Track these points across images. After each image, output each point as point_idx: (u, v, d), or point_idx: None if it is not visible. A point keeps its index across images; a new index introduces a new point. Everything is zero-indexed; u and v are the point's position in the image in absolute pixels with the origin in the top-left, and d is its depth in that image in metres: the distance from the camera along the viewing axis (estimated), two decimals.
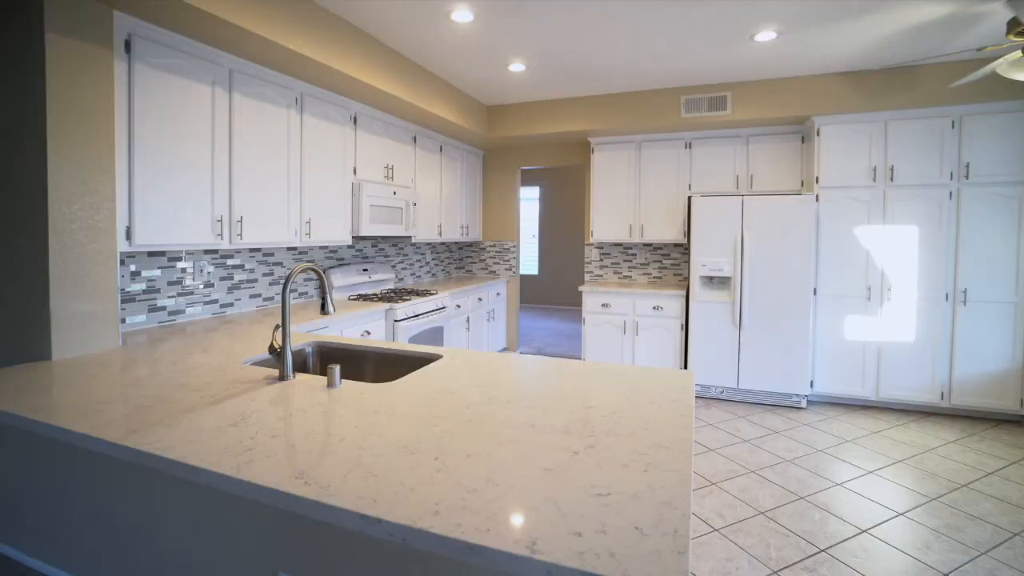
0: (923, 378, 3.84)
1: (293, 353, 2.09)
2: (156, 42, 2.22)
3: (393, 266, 4.60)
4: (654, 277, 5.10)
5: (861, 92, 3.85)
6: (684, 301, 4.36)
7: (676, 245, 5.00)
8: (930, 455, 3.12)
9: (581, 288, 4.67)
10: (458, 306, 4.45)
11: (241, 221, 2.64)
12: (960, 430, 3.54)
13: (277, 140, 2.88)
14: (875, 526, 2.33)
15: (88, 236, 1.96)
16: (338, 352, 2.16)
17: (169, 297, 2.61)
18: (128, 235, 2.14)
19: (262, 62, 2.70)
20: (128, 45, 2.11)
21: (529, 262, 9.41)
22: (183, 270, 2.68)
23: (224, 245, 2.56)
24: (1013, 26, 2.52)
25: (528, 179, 9.29)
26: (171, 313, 2.62)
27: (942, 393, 3.80)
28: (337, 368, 1.55)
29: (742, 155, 4.49)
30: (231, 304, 2.95)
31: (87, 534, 1.79)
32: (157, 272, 2.55)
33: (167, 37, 2.26)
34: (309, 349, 2.17)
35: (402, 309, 3.44)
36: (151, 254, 2.53)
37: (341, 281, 3.70)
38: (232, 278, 2.96)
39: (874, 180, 3.93)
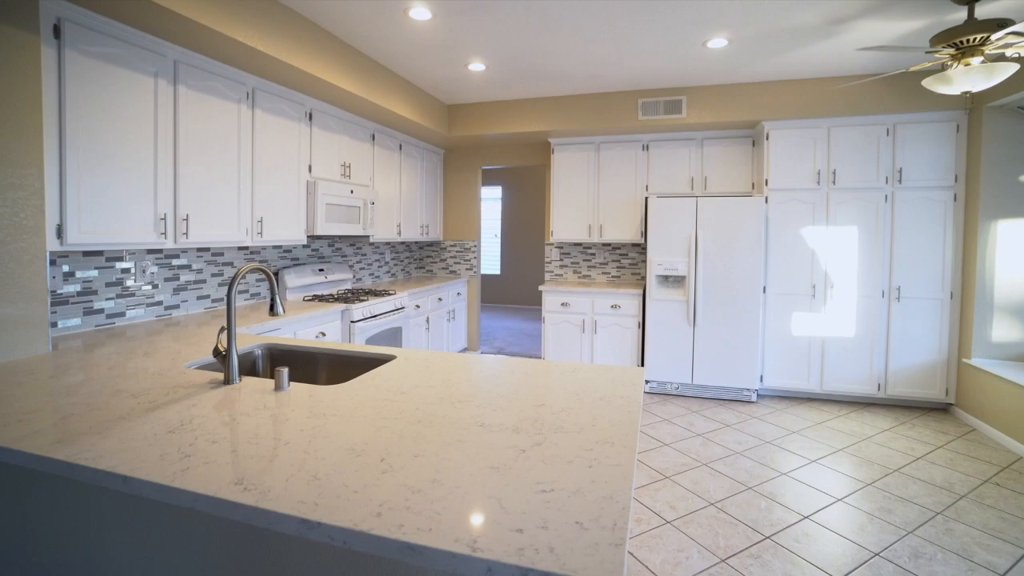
0: (862, 371, 4.06)
1: (242, 356, 2.02)
2: (90, 29, 2.10)
3: (351, 266, 4.52)
4: (613, 276, 5.20)
5: (807, 99, 4.04)
6: (641, 300, 4.46)
7: (634, 245, 5.11)
8: (867, 443, 3.30)
9: (541, 287, 4.71)
10: (417, 306, 4.41)
11: (187, 219, 2.53)
12: (894, 419, 3.77)
13: (227, 135, 2.79)
14: (816, 512, 2.46)
15: (12, 234, 1.84)
16: (289, 354, 2.10)
17: (108, 299, 2.48)
18: (59, 233, 2.02)
19: (210, 54, 2.60)
20: (57, 31, 1.99)
21: (491, 262, 9.41)
22: (124, 271, 2.55)
23: (168, 244, 2.45)
24: (935, 41, 2.70)
25: (490, 179, 9.29)
26: (109, 316, 2.49)
27: (879, 384, 4.03)
28: (285, 371, 1.51)
29: (697, 157, 4.62)
30: (177, 306, 2.83)
31: (9, 557, 1.68)
32: (94, 273, 2.42)
33: (103, 24, 2.15)
34: (259, 352, 2.11)
35: (359, 310, 3.38)
36: (87, 254, 2.40)
37: (296, 282, 3.61)
38: (178, 279, 2.84)
39: (818, 183, 4.12)
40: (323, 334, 3.10)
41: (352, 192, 3.84)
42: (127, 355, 1.92)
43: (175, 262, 2.83)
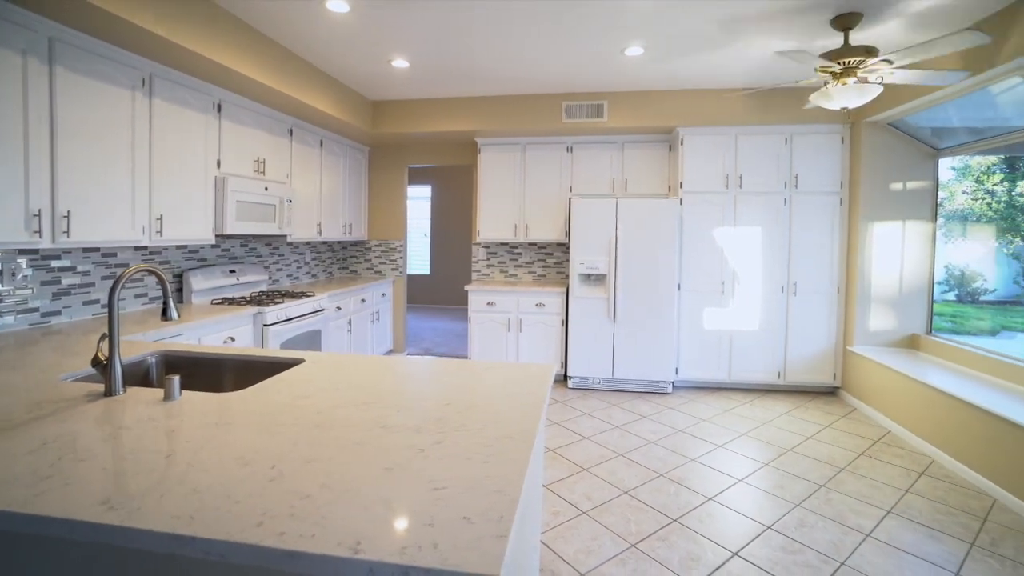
0: (765, 360, 4.40)
1: (132, 365, 1.87)
2: None
3: (266, 267, 4.30)
4: (539, 275, 5.30)
5: (717, 108, 4.32)
6: (565, 298, 4.58)
7: (559, 244, 5.24)
8: (767, 427, 3.59)
9: (467, 287, 4.72)
10: (338, 308, 4.27)
11: (68, 216, 2.31)
12: (791, 403, 4.13)
13: (118, 125, 2.56)
14: (719, 493, 2.64)
15: None
16: (188, 361, 1.97)
17: None
18: None
19: (95, 34, 2.38)
20: None
21: (420, 262, 9.30)
22: None
23: (44, 244, 2.22)
24: (818, 63, 2.98)
25: (419, 177, 9.17)
26: None
27: (779, 372, 4.39)
28: (175, 379, 1.42)
29: (618, 160, 4.81)
30: (57, 312, 2.57)
31: None
32: None
33: None
34: (153, 360, 1.97)
35: (273, 312, 3.23)
36: None
37: (202, 284, 3.38)
38: (59, 282, 2.58)
39: (727, 187, 4.42)
40: (232, 339, 2.93)
41: (267, 189, 3.65)
42: None
43: (55, 264, 2.56)
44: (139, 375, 1.90)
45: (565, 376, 4.61)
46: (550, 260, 5.28)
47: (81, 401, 1.38)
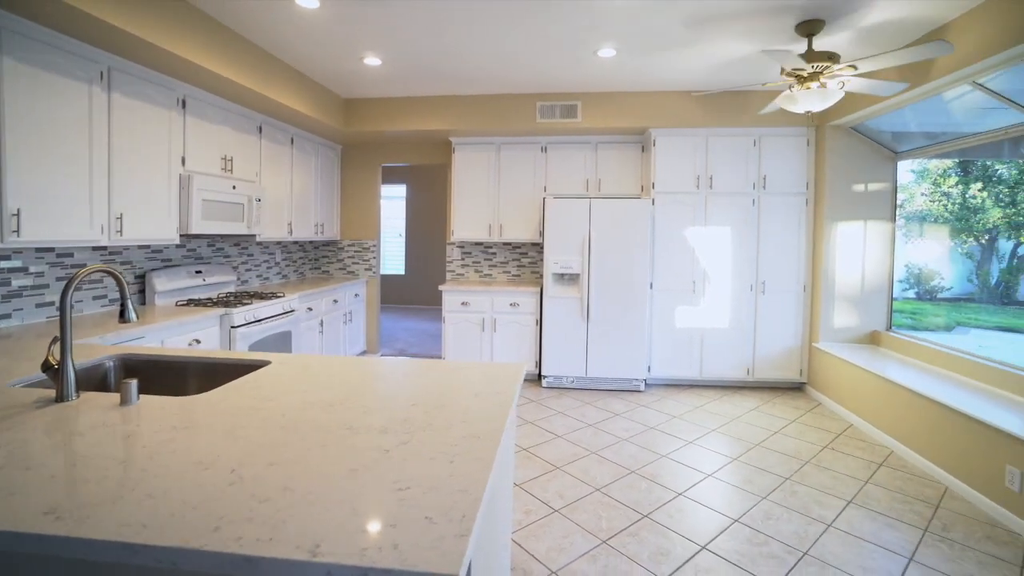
0: (735, 357, 4.50)
1: (89, 369, 1.81)
2: None
3: (235, 267, 4.20)
4: (513, 275, 5.31)
5: (688, 110, 4.40)
6: (539, 297, 4.60)
7: (534, 244, 5.25)
8: (736, 422, 3.67)
9: (441, 287, 4.70)
10: (309, 309, 4.20)
11: (18, 215, 2.21)
12: (759, 399, 4.23)
13: (74, 120, 2.47)
14: (689, 488, 2.69)
15: None
16: (148, 365, 1.91)
17: None
18: None
19: (47, 23, 2.28)
20: None
21: (395, 262, 9.21)
22: None
23: None
24: (783, 67, 3.06)
25: (394, 177, 9.08)
26: None
27: (748, 369, 4.49)
28: (133, 383, 1.38)
29: (591, 160, 4.85)
30: (7, 316, 2.46)
31: None
32: None
33: None
34: (111, 363, 1.90)
35: (240, 314, 3.16)
36: None
37: (167, 285, 3.28)
38: (9, 283, 2.47)
39: (698, 187, 4.50)
40: (198, 341, 2.85)
41: (235, 188, 3.57)
42: None
43: (5, 264, 2.45)
44: (96, 380, 1.84)
45: (539, 375, 4.62)
46: (525, 260, 5.30)
47: (30, 408, 1.33)
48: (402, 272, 9.20)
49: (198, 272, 3.60)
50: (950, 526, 2.37)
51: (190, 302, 3.28)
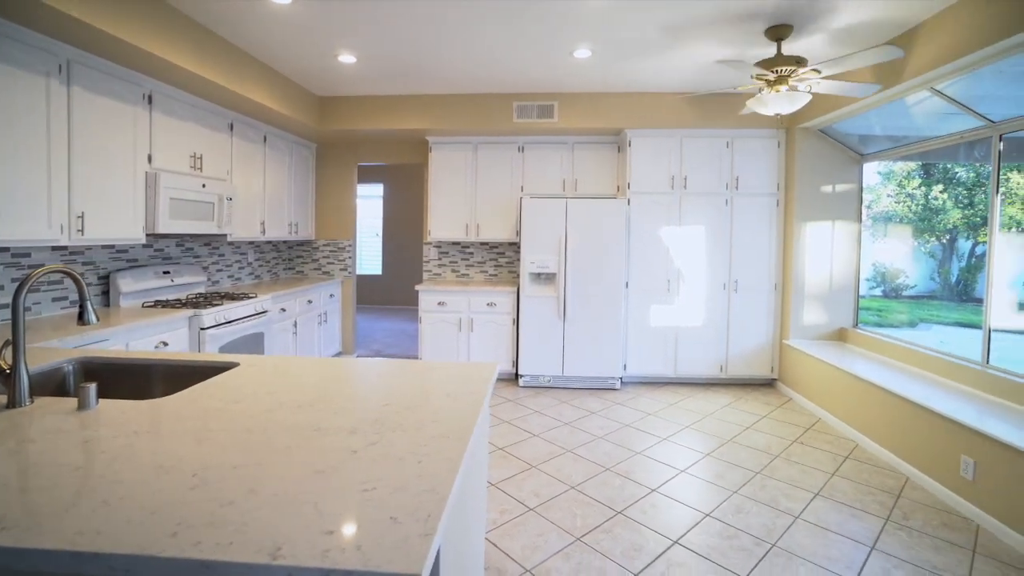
0: (708, 355, 4.58)
1: (46, 374, 1.75)
2: None
3: (205, 268, 4.11)
4: (491, 275, 5.31)
5: (663, 111, 4.46)
6: (516, 297, 4.61)
7: (511, 244, 5.26)
8: (709, 419, 3.74)
9: (418, 287, 4.67)
10: (283, 310, 4.13)
11: None
12: (732, 395, 4.32)
13: (29, 113, 2.37)
14: (663, 484, 2.73)
15: None
16: (110, 368, 1.86)
17: None
18: None
19: (3, 14, 2.20)
20: None
21: (372, 262, 9.12)
22: None
23: None
24: (754, 71, 3.13)
25: (371, 176, 8.99)
26: None
27: (721, 366, 4.58)
28: (92, 387, 1.33)
29: (568, 160, 4.88)
30: None
31: None
32: None
33: None
34: (70, 367, 1.84)
35: (210, 315, 3.09)
36: None
37: (132, 286, 3.19)
38: None
39: (672, 188, 4.56)
40: (165, 344, 2.78)
41: (204, 186, 3.49)
42: None
43: None
44: (53, 385, 1.78)
45: (517, 375, 4.63)
46: (502, 259, 5.30)
47: None
48: (379, 272, 9.12)
49: (166, 273, 3.51)
50: (910, 514, 2.46)
51: (157, 303, 3.20)
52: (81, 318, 1.53)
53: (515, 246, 5.26)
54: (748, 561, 2.08)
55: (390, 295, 9.06)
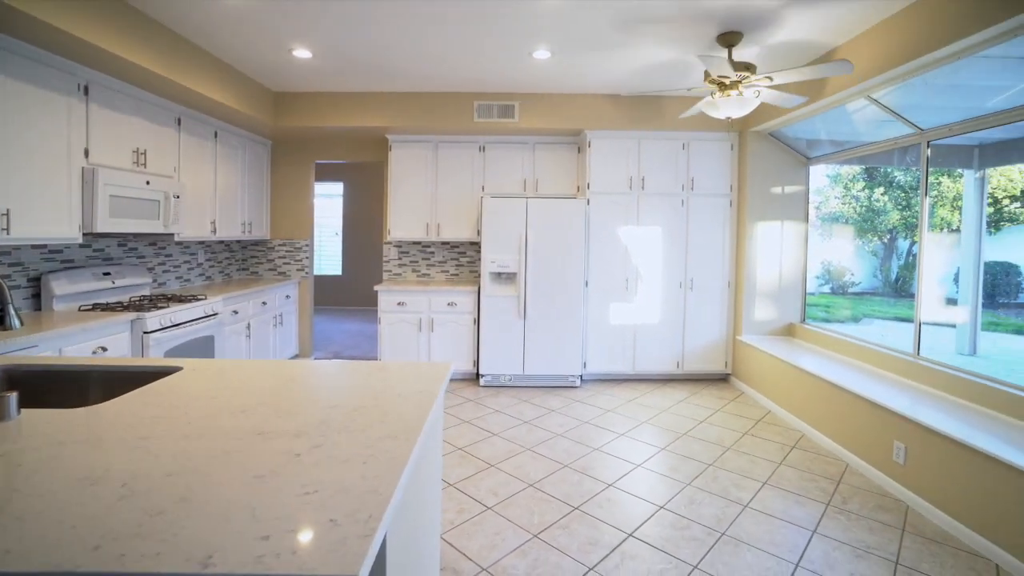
0: (665, 352, 4.70)
1: None
2: None
3: (150, 269, 3.93)
4: (452, 275, 5.29)
5: (621, 113, 4.53)
6: (477, 297, 4.60)
7: (472, 243, 5.25)
8: (665, 414, 3.84)
9: (377, 287, 4.60)
10: (235, 312, 3.99)
11: None
12: (688, 391, 4.44)
13: None
14: (619, 479, 2.78)
15: None
16: (37, 376, 1.75)
17: None
18: None
19: None
20: None
21: (332, 262, 8.92)
22: None
23: None
24: (707, 75, 3.23)
25: (330, 174, 8.78)
26: None
27: (677, 363, 4.70)
28: (12, 396, 1.26)
29: (529, 160, 4.90)
30: None
31: None
32: None
33: None
34: None
35: (155, 318, 2.95)
36: None
37: (67, 288, 3.01)
38: None
39: (630, 188, 4.65)
40: (104, 349, 2.64)
41: (149, 183, 3.33)
42: None
43: None
44: None
45: (477, 374, 4.63)
46: (463, 259, 5.28)
47: None
48: (339, 272, 8.92)
49: (106, 274, 3.33)
50: (848, 499, 2.59)
51: (96, 307, 3.03)
52: (2, 323, 1.44)
53: (476, 246, 5.25)
54: (699, 550, 2.15)
55: (351, 296, 8.88)
